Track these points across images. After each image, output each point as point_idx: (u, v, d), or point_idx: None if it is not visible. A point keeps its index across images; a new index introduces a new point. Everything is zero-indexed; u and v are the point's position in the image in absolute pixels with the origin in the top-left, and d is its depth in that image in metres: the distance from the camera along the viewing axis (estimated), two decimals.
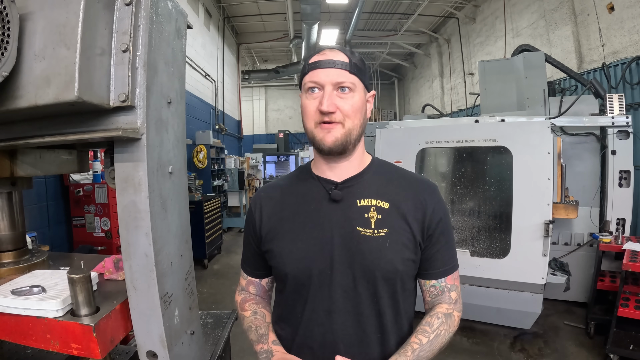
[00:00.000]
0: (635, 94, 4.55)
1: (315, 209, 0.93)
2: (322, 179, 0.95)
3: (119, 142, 0.91)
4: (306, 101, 0.89)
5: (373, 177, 0.96)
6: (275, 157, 13.07)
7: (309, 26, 8.86)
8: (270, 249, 0.96)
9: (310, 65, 0.88)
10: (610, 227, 3.34)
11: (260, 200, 1.02)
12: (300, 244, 0.92)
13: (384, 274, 0.88)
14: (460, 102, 10.06)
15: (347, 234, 0.89)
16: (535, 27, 6.94)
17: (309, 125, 0.89)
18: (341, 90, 0.87)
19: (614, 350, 2.67)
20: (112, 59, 0.88)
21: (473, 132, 3.22)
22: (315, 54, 0.90)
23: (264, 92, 17.14)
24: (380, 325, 0.90)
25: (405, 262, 0.90)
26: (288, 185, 1.02)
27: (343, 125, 0.87)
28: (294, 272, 0.92)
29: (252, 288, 1.08)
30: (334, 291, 0.89)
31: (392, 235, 0.88)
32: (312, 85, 0.88)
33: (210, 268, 5.51)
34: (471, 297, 3.18)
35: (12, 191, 1.17)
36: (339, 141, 0.87)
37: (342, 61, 0.87)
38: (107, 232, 3.50)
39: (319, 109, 0.86)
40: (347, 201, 0.92)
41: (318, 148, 0.90)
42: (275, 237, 0.95)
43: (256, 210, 1.00)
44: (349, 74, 0.87)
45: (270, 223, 0.97)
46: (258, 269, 1.06)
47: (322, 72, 0.86)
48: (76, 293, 0.87)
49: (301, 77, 0.92)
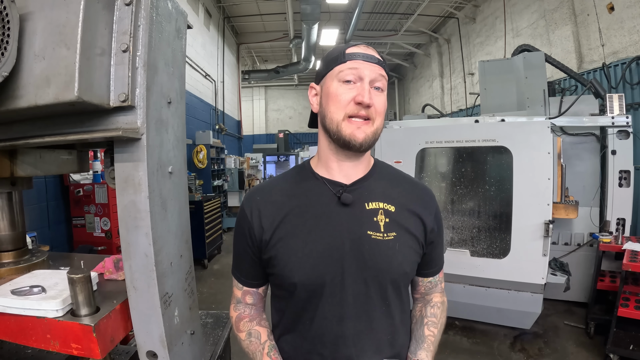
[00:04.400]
0: (635, 94, 4.55)
1: (323, 213, 0.88)
2: (329, 181, 0.90)
3: (119, 142, 0.91)
4: (339, 89, 0.83)
5: (378, 179, 0.94)
6: (275, 157, 13.08)
7: (309, 26, 8.85)
8: (273, 256, 0.88)
9: (348, 55, 0.84)
10: (610, 227, 3.34)
11: (256, 203, 0.92)
12: (309, 250, 0.85)
13: (395, 277, 0.89)
14: (460, 102, 10.06)
15: (358, 239, 0.86)
16: (535, 27, 6.94)
17: (336, 116, 0.84)
18: (375, 88, 0.85)
19: (614, 350, 2.67)
20: (112, 59, 0.88)
21: (473, 132, 3.22)
22: (351, 46, 0.86)
23: (264, 92, 17.14)
24: (391, 326, 0.91)
25: (412, 264, 0.93)
26: (288, 187, 0.94)
27: (373, 122, 0.85)
28: (303, 280, 0.85)
29: (248, 298, 1.00)
30: (345, 298, 0.86)
31: (400, 239, 0.88)
32: (349, 76, 0.83)
33: (210, 268, 5.51)
34: (471, 297, 3.18)
35: (12, 191, 1.17)
36: (369, 138, 0.84)
37: (380, 59, 0.86)
38: (107, 232, 3.50)
39: (359, 100, 0.81)
40: (356, 204, 0.88)
41: (345, 143, 0.84)
42: (279, 243, 0.87)
43: (253, 215, 0.90)
44: (384, 72, 0.86)
45: (272, 228, 0.88)
46: (255, 278, 0.98)
47: (364, 64, 0.83)
48: (76, 293, 0.87)
49: (332, 65, 0.86)
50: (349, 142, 0.83)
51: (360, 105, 0.82)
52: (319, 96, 0.91)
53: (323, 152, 0.92)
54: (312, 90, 0.93)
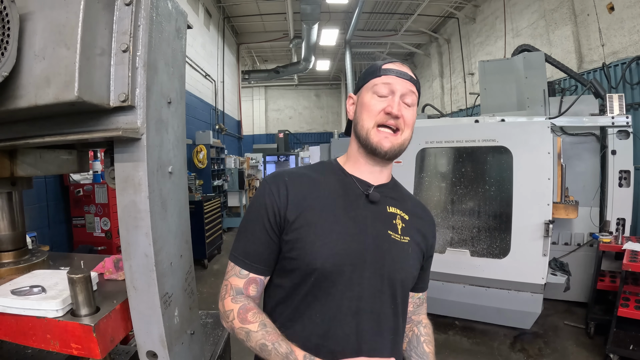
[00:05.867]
0: (635, 94, 4.55)
1: (350, 206, 0.91)
2: (357, 179, 0.95)
3: (119, 142, 0.91)
4: (372, 100, 0.91)
5: (395, 189, 1.01)
6: (275, 157, 13.06)
7: (309, 26, 8.85)
8: (297, 238, 0.86)
9: (384, 70, 0.91)
10: (610, 227, 3.34)
11: (284, 182, 0.90)
12: (335, 237, 0.86)
13: (405, 279, 0.93)
14: (460, 102, 10.06)
15: (380, 236, 0.91)
16: (535, 27, 6.94)
17: (367, 124, 0.90)
18: (405, 103, 0.91)
19: (614, 350, 2.67)
20: (112, 59, 0.88)
21: (473, 132, 3.22)
22: (387, 62, 0.94)
23: (264, 92, 17.14)
24: (396, 327, 0.93)
25: (418, 271, 0.99)
26: (316, 176, 0.95)
27: (401, 133, 0.91)
28: (325, 266, 0.84)
29: (252, 289, 0.90)
30: (364, 290, 0.86)
31: (412, 245, 0.94)
32: (383, 89, 0.90)
33: (210, 268, 5.51)
34: (471, 297, 3.18)
35: (12, 191, 1.17)
36: (394, 148, 0.91)
37: (412, 77, 0.93)
38: (107, 232, 3.50)
39: (388, 110, 0.88)
40: (380, 204, 0.94)
41: (372, 150, 0.91)
42: (305, 226, 0.86)
43: (280, 191, 0.88)
44: (416, 89, 0.93)
45: (299, 209, 0.87)
46: (268, 264, 0.90)
47: (396, 79, 0.90)
48: (76, 293, 0.87)
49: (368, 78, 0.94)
50: (375, 149, 0.90)
51: (389, 115, 0.89)
52: (355, 105, 0.98)
53: (353, 154, 0.98)
54: (350, 100, 1.00)
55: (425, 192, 3.48)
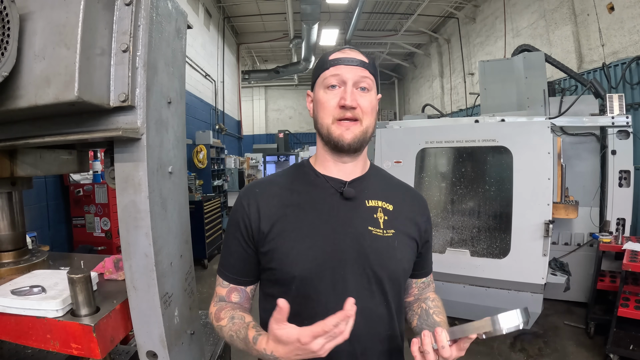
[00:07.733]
0: (635, 94, 4.55)
1: (324, 207, 0.89)
2: (329, 178, 0.92)
3: (119, 142, 0.91)
4: (325, 96, 0.88)
5: (375, 180, 0.97)
6: (275, 157, 13.06)
7: (309, 26, 8.85)
8: (273, 248, 0.87)
9: (331, 61, 0.88)
10: (610, 227, 3.34)
11: (254, 195, 0.92)
12: (310, 242, 0.86)
13: (393, 273, 0.90)
14: (460, 102, 10.06)
15: (359, 233, 0.88)
16: (535, 27, 6.94)
17: (325, 120, 0.88)
18: (361, 89, 0.88)
19: (614, 350, 2.67)
20: (112, 59, 0.88)
21: (473, 132, 3.22)
22: (335, 52, 0.90)
23: (264, 92, 17.13)
24: (390, 322, 0.92)
25: (410, 262, 0.95)
26: (288, 182, 0.95)
27: (361, 122, 0.88)
28: (303, 273, 0.85)
29: (235, 296, 0.94)
30: (349, 291, 0.84)
31: (398, 236, 0.91)
32: (333, 81, 0.87)
33: (210, 268, 5.51)
34: (471, 297, 3.18)
35: (12, 191, 1.18)
36: (357, 138, 0.87)
37: (363, 60, 0.89)
38: (107, 232, 3.50)
39: (342, 104, 0.85)
40: (357, 200, 0.91)
41: (335, 144, 0.88)
42: (280, 235, 0.87)
43: (251, 207, 0.90)
44: (368, 72, 0.89)
45: (272, 220, 0.88)
46: (245, 275, 0.94)
47: (345, 68, 0.87)
48: (76, 293, 0.87)
49: (319, 73, 0.91)
50: (338, 143, 0.87)
51: (345, 109, 0.86)
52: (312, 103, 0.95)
53: (320, 153, 0.95)
54: (308, 98, 0.98)
55: (425, 192, 3.48)
